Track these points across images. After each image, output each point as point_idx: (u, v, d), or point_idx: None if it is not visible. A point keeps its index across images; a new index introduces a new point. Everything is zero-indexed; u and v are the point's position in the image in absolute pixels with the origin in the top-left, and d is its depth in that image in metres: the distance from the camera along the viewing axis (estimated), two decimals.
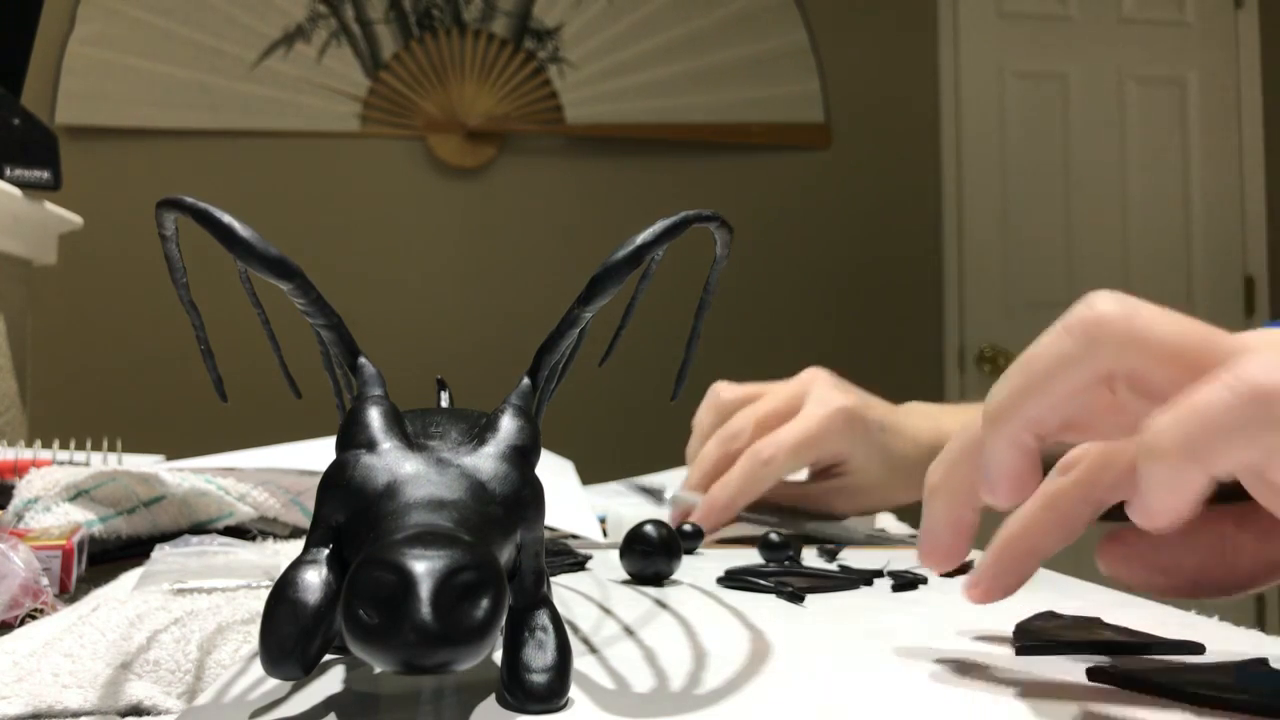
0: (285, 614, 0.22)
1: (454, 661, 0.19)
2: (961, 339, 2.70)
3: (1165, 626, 0.31)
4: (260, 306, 0.31)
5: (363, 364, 0.27)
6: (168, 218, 0.26)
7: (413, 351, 2.20)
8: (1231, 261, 2.82)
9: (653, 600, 0.38)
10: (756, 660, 0.28)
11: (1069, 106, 2.78)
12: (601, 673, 0.27)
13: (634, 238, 0.26)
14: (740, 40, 2.62)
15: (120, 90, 2.39)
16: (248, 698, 0.25)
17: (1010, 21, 2.76)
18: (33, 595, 0.38)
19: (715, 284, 0.30)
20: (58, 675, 0.29)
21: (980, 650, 0.29)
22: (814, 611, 0.36)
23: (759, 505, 0.59)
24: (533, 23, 2.55)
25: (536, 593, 0.25)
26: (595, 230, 2.49)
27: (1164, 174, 2.81)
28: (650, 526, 0.42)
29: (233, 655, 0.32)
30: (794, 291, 2.63)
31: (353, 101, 2.47)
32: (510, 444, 0.25)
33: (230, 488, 0.54)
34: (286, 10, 2.46)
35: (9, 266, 1.12)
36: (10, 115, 1.06)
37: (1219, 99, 2.83)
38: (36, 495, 0.48)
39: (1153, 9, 2.82)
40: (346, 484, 0.24)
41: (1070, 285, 2.75)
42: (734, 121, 2.62)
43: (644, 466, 0.91)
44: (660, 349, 1.17)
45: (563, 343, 0.27)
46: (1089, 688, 0.25)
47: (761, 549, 0.48)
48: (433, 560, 0.19)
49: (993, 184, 2.74)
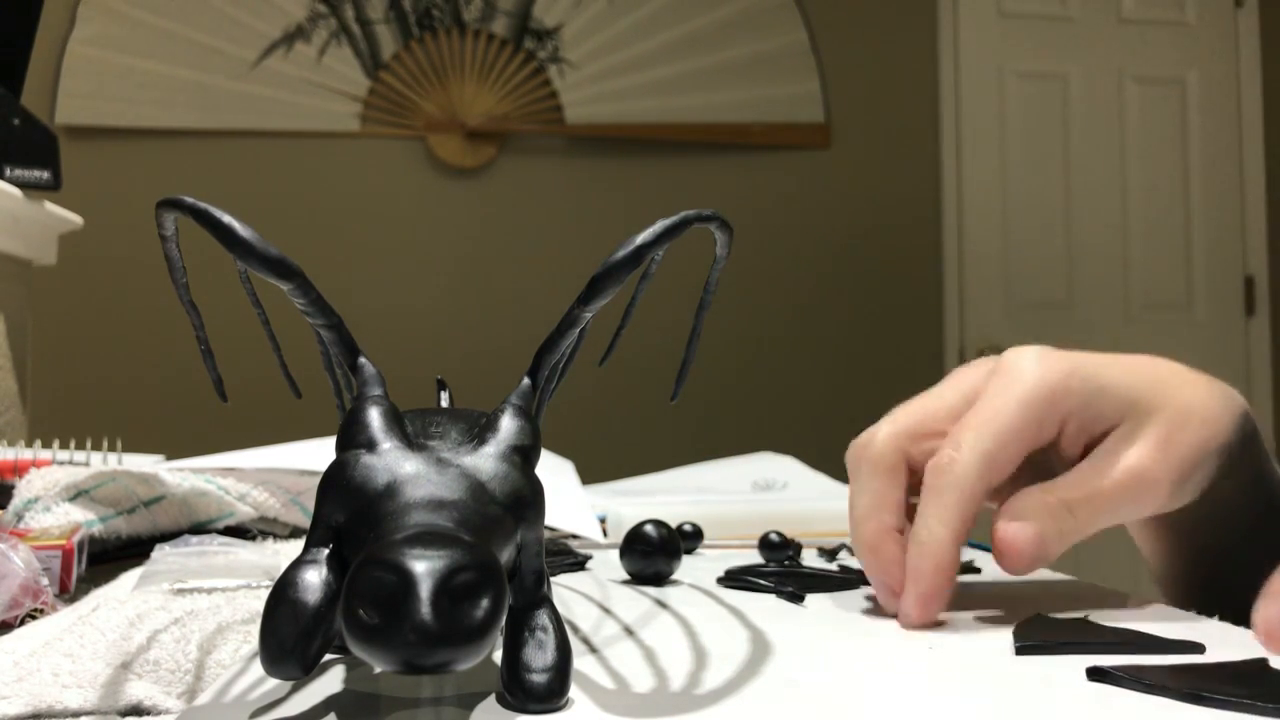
0: (285, 614, 0.22)
1: (454, 661, 0.19)
2: (961, 339, 2.69)
3: (1165, 626, 0.31)
4: (260, 306, 0.31)
5: (363, 364, 0.27)
6: (168, 218, 0.26)
7: (413, 351, 2.21)
8: (1231, 261, 2.82)
9: (653, 600, 0.38)
10: (756, 660, 0.28)
11: (1069, 106, 2.78)
12: (601, 673, 0.27)
13: (634, 238, 0.26)
14: (740, 40, 2.62)
15: (120, 90, 2.39)
16: (248, 698, 0.25)
17: (1010, 21, 2.76)
18: (33, 595, 0.38)
19: (715, 284, 0.30)
20: (58, 675, 0.29)
21: (980, 650, 0.29)
22: (814, 611, 0.36)
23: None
24: (533, 23, 2.55)
25: (536, 593, 0.25)
26: (595, 230, 2.50)
27: (1164, 174, 2.81)
28: (650, 526, 0.42)
29: (233, 655, 0.32)
30: (794, 291, 2.63)
31: (353, 101, 2.47)
32: (510, 444, 0.25)
33: (230, 488, 0.54)
34: (286, 10, 2.46)
35: (9, 266, 1.12)
36: (10, 115, 1.06)
37: (1219, 99, 2.83)
38: (36, 495, 0.48)
39: (1153, 9, 2.82)
40: (346, 484, 0.24)
41: (1070, 285, 2.76)
42: (734, 121, 2.62)
43: (644, 466, 0.91)
44: (660, 349, 1.17)
45: (563, 343, 0.27)
46: (1089, 688, 0.25)
47: (761, 549, 0.48)
48: (433, 560, 0.19)
49: (993, 184, 2.74)
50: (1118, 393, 0.36)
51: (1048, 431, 0.36)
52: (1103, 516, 0.35)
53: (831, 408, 2.57)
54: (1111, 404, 0.36)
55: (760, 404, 2.57)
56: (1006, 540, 0.34)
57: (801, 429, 2.46)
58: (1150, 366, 0.37)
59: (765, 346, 2.60)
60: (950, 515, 0.34)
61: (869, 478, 0.37)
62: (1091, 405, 0.36)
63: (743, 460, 0.89)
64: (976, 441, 0.34)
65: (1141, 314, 2.75)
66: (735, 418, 2.52)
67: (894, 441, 0.37)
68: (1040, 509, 0.34)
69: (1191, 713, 0.23)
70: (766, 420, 2.55)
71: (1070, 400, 0.35)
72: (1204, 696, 0.24)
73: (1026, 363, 0.36)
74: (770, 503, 0.67)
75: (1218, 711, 0.23)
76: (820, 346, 2.64)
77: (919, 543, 0.34)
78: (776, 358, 2.62)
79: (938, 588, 0.33)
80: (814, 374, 2.62)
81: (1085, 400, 0.35)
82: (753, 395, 2.57)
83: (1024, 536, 0.34)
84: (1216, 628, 0.32)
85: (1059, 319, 2.68)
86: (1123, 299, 2.77)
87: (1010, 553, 0.34)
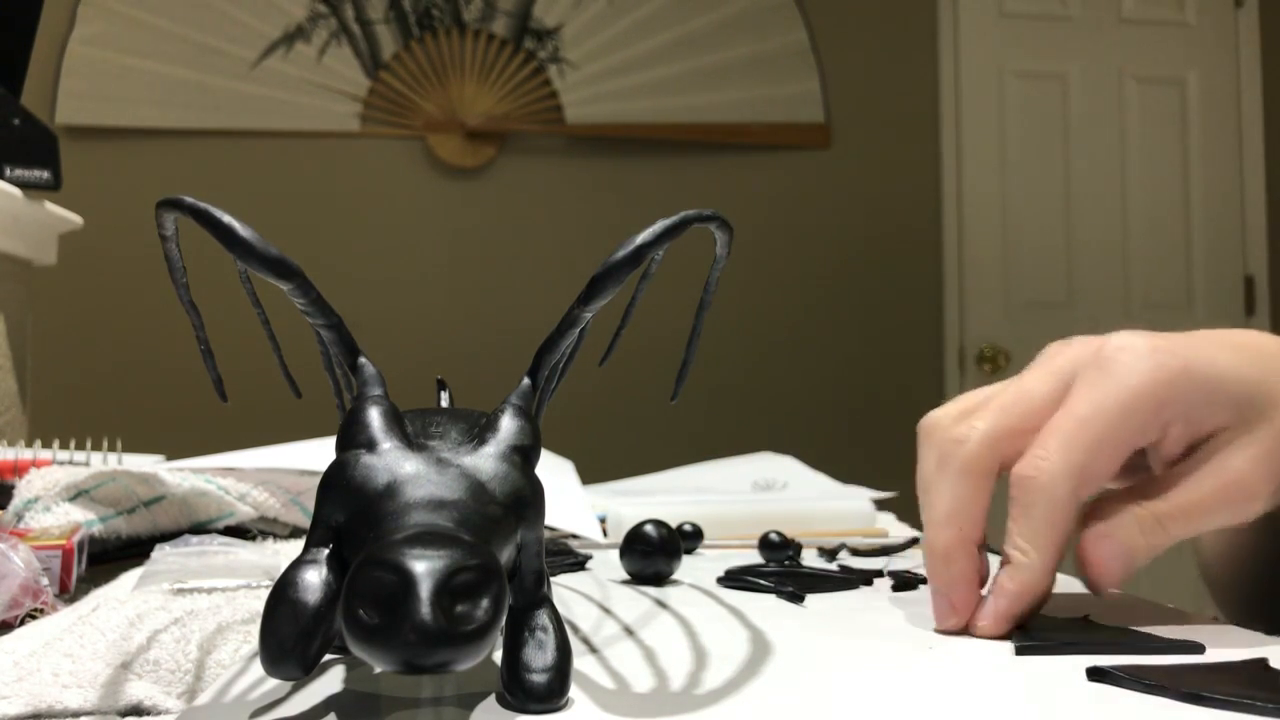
0: (285, 614, 0.22)
1: (454, 661, 0.19)
2: (961, 339, 2.70)
3: (1165, 626, 0.31)
4: (260, 306, 0.31)
5: (363, 364, 0.27)
6: (168, 218, 0.26)
7: (413, 351, 2.21)
8: (1231, 261, 2.82)
9: (653, 600, 0.38)
10: (756, 660, 0.28)
11: (1069, 106, 2.78)
12: (601, 673, 0.27)
13: (634, 238, 0.26)
14: (740, 40, 2.62)
15: (120, 90, 2.39)
16: (248, 698, 0.25)
17: (1010, 21, 2.76)
18: (33, 595, 0.38)
19: (715, 284, 0.30)
20: (58, 675, 0.29)
21: (980, 650, 0.29)
22: (814, 611, 0.36)
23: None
24: (533, 23, 2.55)
25: (536, 593, 0.25)
26: (595, 230, 2.50)
27: (1164, 174, 2.81)
28: (650, 526, 0.42)
29: (233, 655, 0.32)
30: (794, 291, 2.63)
31: (353, 101, 2.47)
32: (510, 444, 0.25)
33: (230, 488, 0.54)
34: (286, 10, 2.46)
35: (9, 266, 1.12)
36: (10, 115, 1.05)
37: (1219, 99, 2.83)
38: (36, 495, 0.48)
39: (1153, 9, 2.82)
40: (346, 484, 0.24)
41: (1070, 285, 2.76)
42: (734, 121, 2.62)
43: (644, 466, 0.91)
44: (660, 349, 1.17)
45: (563, 343, 0.27)
46: (1089, 688, 0.25)
47: (761, 549, 0.48)
48: (433, 560, 0.19)
49: (993, 184, 2.74)
50: (1231, 390, 0.32)
51: (1149, 436, 0.32)
52: (1196, 527, 0.32)
53: (832, 408, 2.57)
54: (1223, 404, 0.32)
55: (760, 404, 2.57)
56: (1092, 555, 0.32)
57: (801, 429, 2.47)
58: (1260, 350, 0.33)
59: (765, 346, 2.60)
60: (1042, 538, 0.31)
61: (957, 479, 0.33)
62: (1203, 406, 0.32)
63: (743, 460, 0.89)
64: (1068, 450, 0.31)
65: (1141, 314, 2.75)
66: (735, 418, 2.52)
67: (991, 445, 0.33)
68: (1130, 523, 0.32)
69: (1191, 713, 0.23)
70: (766, 420, 2.55)
71: (1178, 404, 0.32)
72: (1204, 696, 0.24)
73: (1133, 358, 0.32)
74: (770, 503, 0.67)
75: (1218, 711, 0.23)
76: (820, 346, 2.64)
77: (1011, 563, 0.31)
78: (776, 357, 2.62)
79: (1017, 611, 0.31)
80: (814, 374, 2.62)
81: (1196, 402, 0.32)
82: (753, 395, 2.57)
83: (1113, 554, 0.32)
84: (1216, 628, 0.32)
85: (1059, 319, 2.68)
86: (1123, 299, 2.77)
87: (1097, 569, 0.32)
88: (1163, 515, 0.32)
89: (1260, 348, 0.34)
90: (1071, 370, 0.33)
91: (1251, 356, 0.33)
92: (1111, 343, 0.33)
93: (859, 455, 1.74)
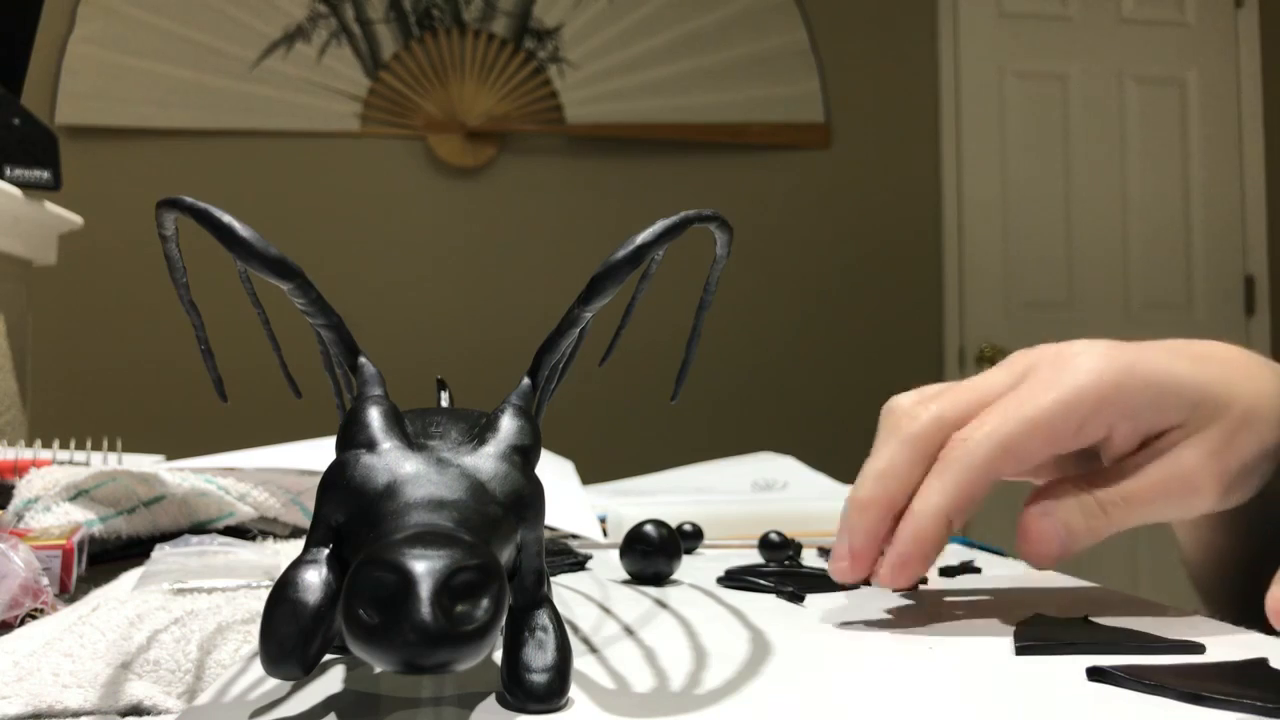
0: (285, 614, 0.22)
1: (454, 661, 0.19)
2: (961, 339, 2.70)
3: (1165, 627, 0.31)
4: (260, 306, 0.31)
5: (363, 364, 0.27)
6: (168, 218, 0.26)
7: (413, 351, 2.21)
8: (1231, 261, 2.82)
9: (653, 600, 0.38)
10: (756, 660, 0.28)
11: (1069, 106, 2.78)
12: (601, 673, 0.27)
13: (634, 238, 0.26)
14: (740, 40, 2.62)
15: (120, 90, 2.39)
16: (248, 698, 0.25)
17: (1010, 21, 2.76)
18: (33, 595, 0.38)
19: (715, 284, 0.30)
20: (58, 675, 0.29)
21: (980, 650, 0.29)
22: (814, 611, 0.36)
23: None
24: (533, 23, 2.55)
25: (536, 593, 0.25)
26: (595, 230, 2.50)
27: (1164, 174, 2.81)
28: (650, 526, 0.42)
29: (233, 655, 0.32)
30: (794, 291, 2.63)
31: (353, 101, 2.47)
32: (510, 444, 0.25)
33: (230, 488, 0.54)
34: (286, 10, 2.46)
35: (9, 266, 1.12)
36: (10, 115, 1.05)
37: (1219, 99, 2.83)
38: (36, 495, 0.48)
39: (1153, 9, 2.82)
40: (346, 484, 0.24)
41: (1070, 285, 2.76)
42: (734, 121, 2.62)
43: (644, 466, 0.91)
44: (660, 349, 1.17)
45: (563, 343, 0.27)
46: (1089, 688, 0.25)
47: (761, 549, 0.48)
48: (433, 560, 0.19)
49: (993, 184, 2.74)
50: (1182, 393, 0.33)
51: (1091, 433, 0.34)
52: (1137, 516, 0.33)
53: (831, 407, 2.57)
54: (1173, 405, 0.33)
55: (760, 404, 2.57)
56: (1032, 531, 0.33)
57: (801, 429, 2.47)
58: (1220, 359, 0.35)
59: (765, 346, 2.60)
60: (948, 490, 0.33)
61: (898, 446, 0.35)
62: (1150, 407, 0.33)
63: (743, 460, 0.89)
64: (998, 425, 0.33)
65: (1141, 314, 2.75)
66: (735, 418, 2.52)
67: (938, 422, 0.34)
68: (1073, 504, 0.33)
69: (1191, 713, 0.23)
70: (766, 420, 2.55)
71: (1122, 404, 0.33)
72: (1204, 696, 0.24)
73: (1084, 360, 0.34)
74: (770, 503, 0.67)
75: (1217, 711, 0.23)
76: (820, 346, 2.64)
77: (910, 510, 0.33)
78: (777, 357, 2.62)
79: (910, 556, 0.32)
80: (814, 374, 2.62)
81: (1143, 403, 0.33)
82: (753, 395, 2.57)
83: (1052, 531, 0.33)
84: (1216, 628, 0.32)
85: (1059, 319, 2.68)
86: (1123, 299, 2.77)
87: (1034, 544, 0.33)
88: (1104, 500, 0.33)
89: (1214, 355, 0.35)
90: (1028, 369, 0.35)
91: (1205, 363, 0.35)
92: (1070, 348, 0.35)
93: (859, 455, 1.74)
